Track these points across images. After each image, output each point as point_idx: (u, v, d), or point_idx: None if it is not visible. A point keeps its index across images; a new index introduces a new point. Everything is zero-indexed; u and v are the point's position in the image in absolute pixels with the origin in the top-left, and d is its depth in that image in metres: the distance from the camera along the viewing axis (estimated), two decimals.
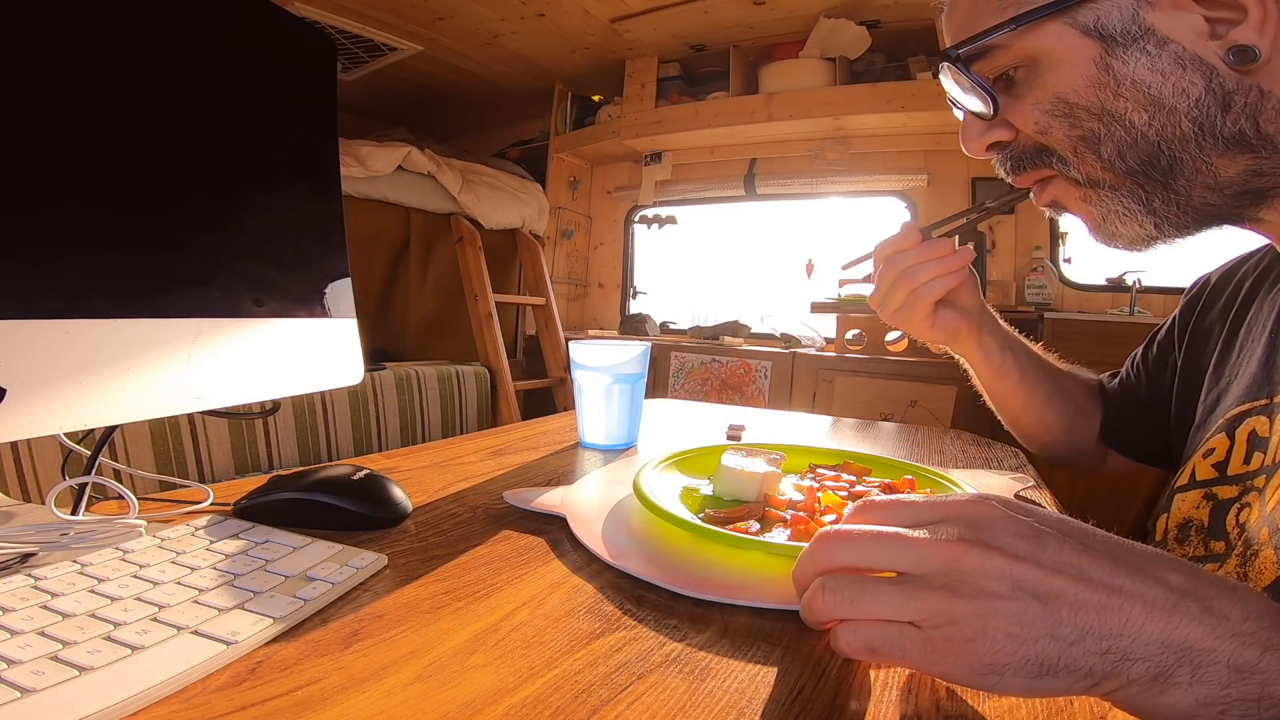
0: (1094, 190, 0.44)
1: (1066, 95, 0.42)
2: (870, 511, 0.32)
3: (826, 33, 2.35)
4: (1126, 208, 0.43)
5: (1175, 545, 0.49)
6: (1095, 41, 0.40)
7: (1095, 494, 1.72)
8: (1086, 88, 0.41)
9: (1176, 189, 0.41)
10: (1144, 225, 0.44)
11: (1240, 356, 0.51)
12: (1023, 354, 0.70)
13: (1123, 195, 0.43)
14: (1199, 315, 0.59)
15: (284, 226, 0.50)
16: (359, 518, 0.46)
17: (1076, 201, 0.46)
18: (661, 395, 2.37)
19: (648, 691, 0.28)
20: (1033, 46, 0.42)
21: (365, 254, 2.21)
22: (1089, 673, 0.25)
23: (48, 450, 1.07)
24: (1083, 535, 0.29)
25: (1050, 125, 0.43)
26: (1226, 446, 0.47)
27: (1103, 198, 0.44)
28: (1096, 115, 0.41)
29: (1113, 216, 0.44)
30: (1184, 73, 0.39)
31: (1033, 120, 0.44)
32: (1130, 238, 0.45)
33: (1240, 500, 0.45)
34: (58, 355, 0.34)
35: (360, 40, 2.49)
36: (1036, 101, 0.43)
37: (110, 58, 0.37)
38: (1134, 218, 0.43)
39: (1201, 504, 0.48)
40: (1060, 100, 0.42)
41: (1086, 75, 0.41)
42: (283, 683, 0.27)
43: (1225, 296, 0.57)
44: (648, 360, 0.76)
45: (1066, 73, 0.41)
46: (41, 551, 0.37)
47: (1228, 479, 0.46)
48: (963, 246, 0.63)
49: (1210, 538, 0.46)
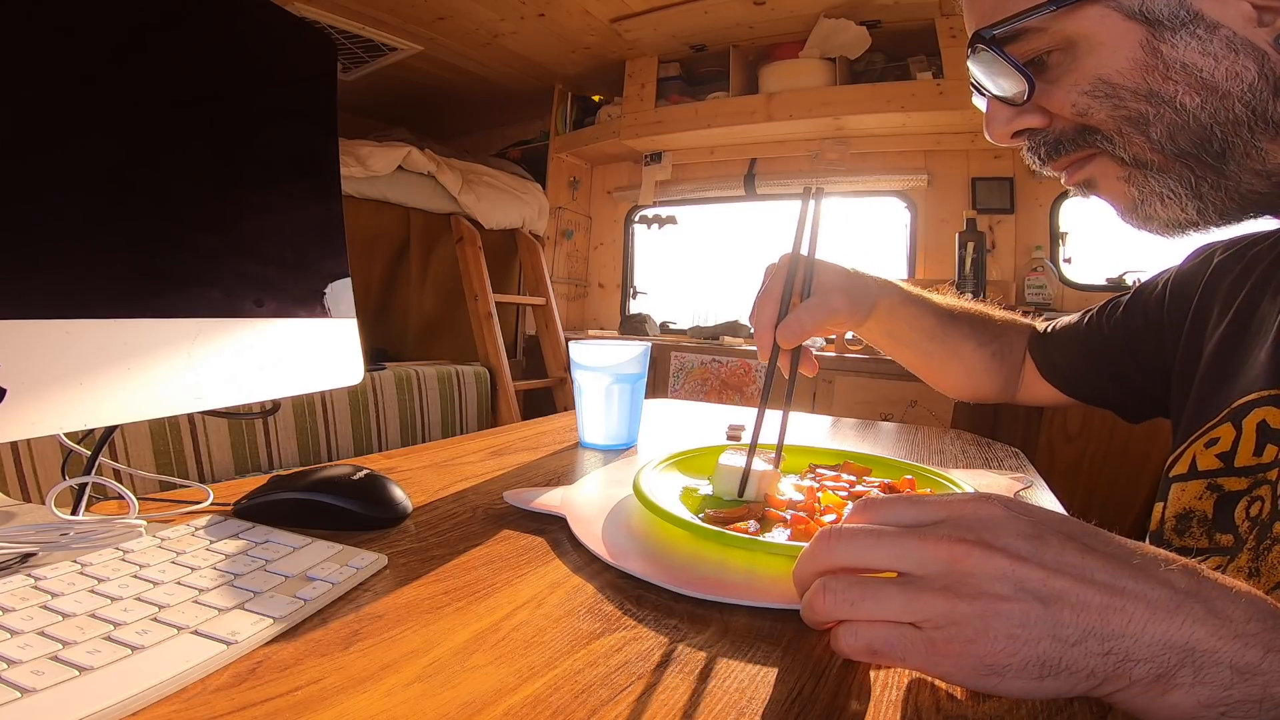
0: (1139, 171, 0.44)
1: (1109, 77, 0.41)
2: (871, 511, 0.32)
3: (826, 33, 2.35)
4: (1171, 190, 0.43)
5: (1174, 536, 0.48)
6: (1140, 25, 0.40)
7: (1095, 494, 1.73)
8: (1132, 70, 0.40)
9: (1227, 174, 0.41)
10: (1186, 210, 0.43)
11: (1248, 343, 0.50)
12: (911, 323, 0.68)
13: (1169, 178, 0.43)
14: (1204, 289, 0.57)
15: (284, 226, 0.50)
16: (359, 518, 0.46)
17: (1115, 181, 0.45)
18: (661, 395, 2.37)
19: (648, 691, 0.28)
20: (1071, 29, 0.41)
21: (365, 254, 2.21)
22: (1091, 674, 0.25)
23: (48, 450, 1.07)
24: (1085, 535, 0.28)
25: (1090, 106, 0.43)
26: (1233, 437, 0.46)
27: (1148, 179, 0.43)
28: (1144, 97, 0.41)
29: (1153, 198, 0.44)
30: (1237, 57, 0.38)
31: (1070, 103, 0.43)
32: (1167, 221, 0.44)
33: (1250, 493, 0.44)
34: (58, 355, 0.34)
35: (360, 40, 2.49)
36: (1074, 84, 0.43)
37: (110, 57, 0.37)
38: (1177, 201, 0.43)
39: (1205, 495, 0.47)
40: (1102, 81, 0.42)
41: (1132, 58, 0.40)
42: (283, 683, 0.27)
43: (1234, 276, 0.55)
44: (648, 360, 0.76)
45: (1109, 55, 0.41)
46: (41, 551, 0.37)
47: (1235, 470, 0.45)
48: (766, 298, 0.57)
49: (1216, 530, 0.45)
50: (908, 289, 0.69)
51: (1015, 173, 2.36)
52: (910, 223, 2.56)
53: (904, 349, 0.71)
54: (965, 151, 2.44)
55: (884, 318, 0.66)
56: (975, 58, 0.45)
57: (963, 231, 2.29)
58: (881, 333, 0.69)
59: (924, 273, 2.49)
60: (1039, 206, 2.33)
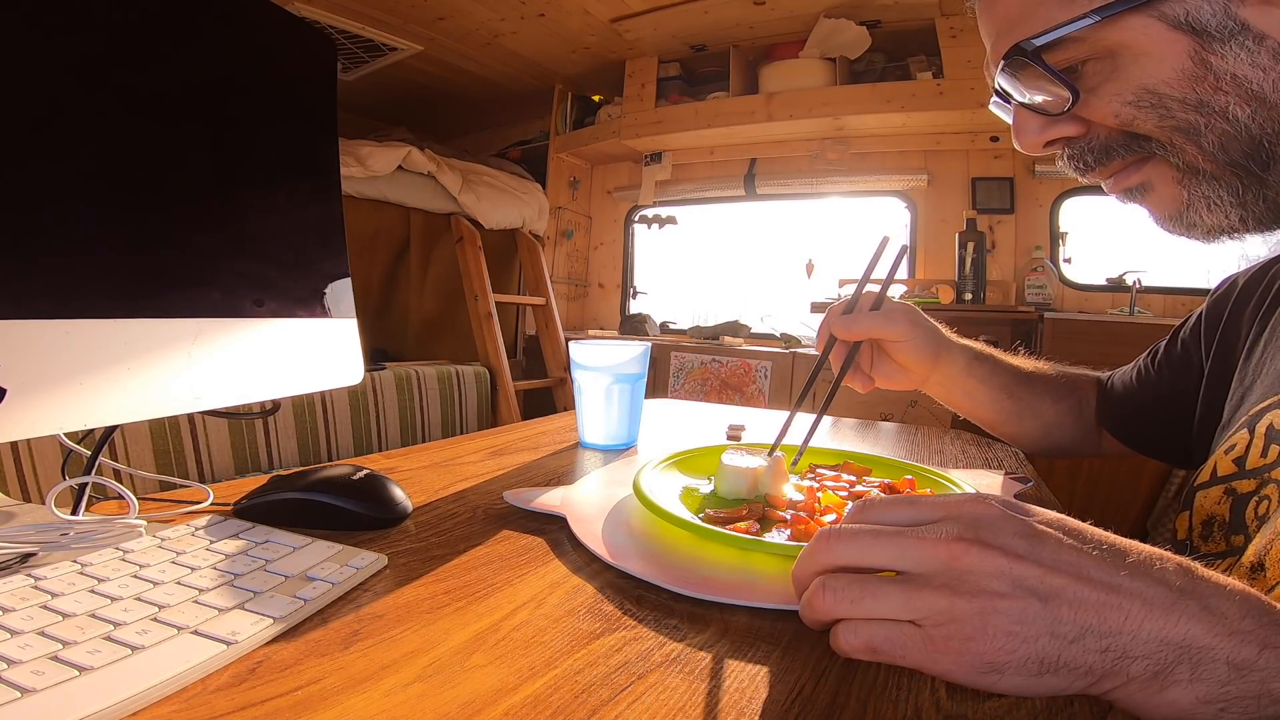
0: (1192, 177, 0.43)
1: (1155, 87, 0.41)
2: (870, 510, 0.32)
3: (826, 33, 2.36)
4: (1219, 197, 0.43)
5: (1200, 543, 0.48)
6: (1186, 35, 0.39)
7: (1095, 494, 1.73)
8: (1179, 80, 0.40)
9: (1269, 184, 0.41)
10: (1229, 216, 0.43)
11: (1265, 354, 0.51)
12: (985, 380, 0.71)
13: (1219, 186, 0.42)
14: (1229, 316, 0.58)
15: (284, 226, 0.50)
16: (359, 518, 0.46)
17: (1170, 184, 0.45)
18: (661, 395, 2.37)
19: (648, 691, 0.28)
20: (1111, 39, 0.41)
21: (365, 254, 2.21)
22: (1089, 670, 0.26)
23: (48, 450, 1.07)
24: (1081, 534, 0.29)
25: (1136, 116, 0.42)
26: (1246, 441, 0.47)
27: (1199, 184, 0.43)
28: (1193, 107, 0.40)
29: (1199, 204, 0.44)
30: None
31: (1113, 112, 0.43)
32: (1210, 227, 0.44)
33: (1259, 493, 0.44)
34: (58, 355, 0.34)
35: (360, 40, 2.49)
36: (1116, 93, 0.42)
37: (110, 57, 0.37)
38: (1222, 208, 0.43)
39: (1222, 499, 0.47)
40: (1148, 91, 0.41)
41: (1180, 68, 0.40)
42: (283, 683, 0.27)
43: (1255, 297, 0.56)
44: (648, 360, 0.76)
45: (1154, 65, 0.41)
46: (41, 551, 0.37)
47: (1246, 473, 0.46)
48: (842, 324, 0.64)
49: (1231, 532, 0.46)
50: (978, 347, 0.71)
51: (1015, 173, 2.36)
52: (910, 223, 2.56)
53: (976, 404, 0.72)
54: (965, 151, 2.44)
55: (957, 374, 0.69)
56: (1008, 68, 0.44)
57: (963, 231, 2.29)
58: (955, 388, 0.70)
59: (924, 273, 2.49)
60: (1039, 206, 2.33)
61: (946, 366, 0.68)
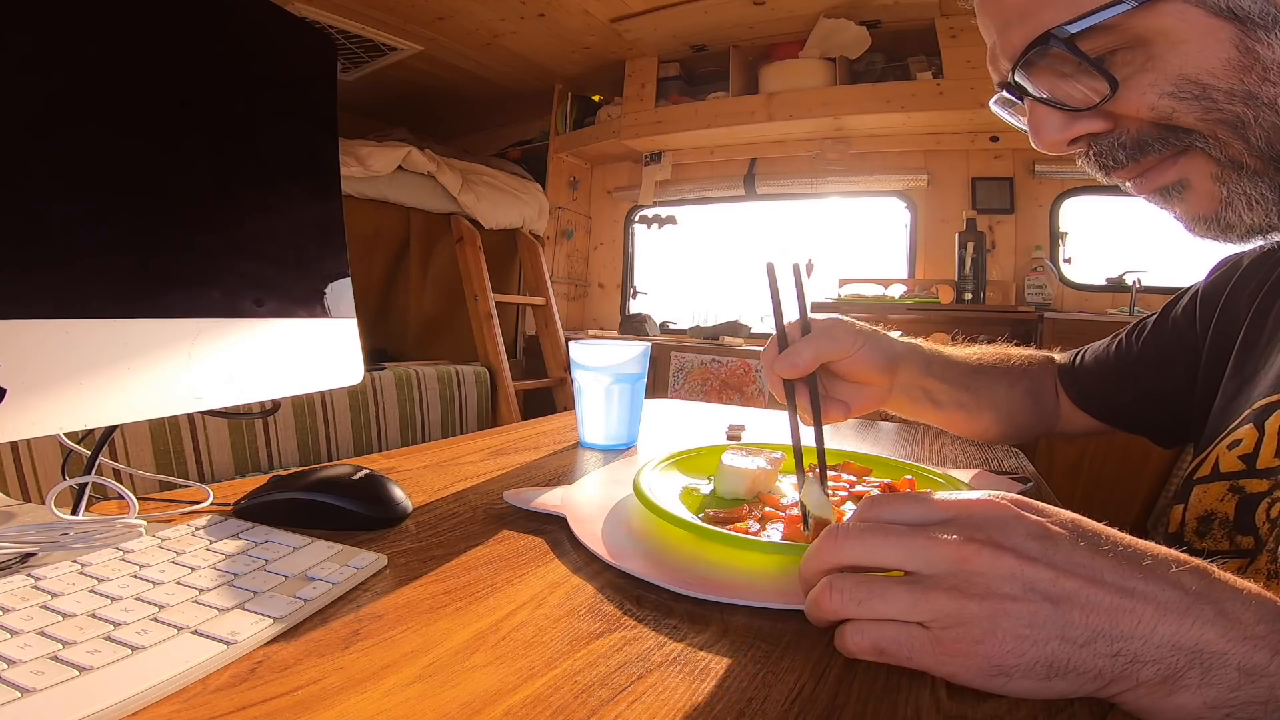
0: (1234, 172, 0.41)
1: (1198, 77, 0.38)
2: (878, 507, 0.32)
3: (826, 33, 2.36)
4: (1261, 194, 0.40)
5: (1195, 539, 0.48)
6: (1229, 23, 0.37)
7: (1095, 494, 1.73)
8: (1225, 70, 0.38)
9: None
10: (1270, 215, 0.41)
11: (1270, 345, 0.49)
12: (943, 377, 0.66)
13: (1262, 182, 0.40)
14: (1230, 295, 0.57)
15: (284, 226, 0.50)
16: (359, 518, 0.46)
17: (1208, 180, 0.42)
18: (661, 395, 2.37)
19: (648, 691, 0.28)
20: (1144, 26, 0.38)
21: (365, 254, 2.21)
22: (1098, 674, 0.25)
23: (48, 450, 1.06)
24: (1094, 536, 0.28)
25: (1176, 109, 0.39)
26: (1255, 438, 0.46)
27: (1240, 180, 0.41)
28: (1240, 99, 0.38)
29: (1239, 201, 0.41)
30: None
31: (1149, 104, 0.40)
32: (1249, 227, 0.42)
33: (1271, 495, 0.43)
34: (58, 355, 0.34)
35: (360, 40, 2.49)
36: (1152, 84, 0.39)
37: (110, 57, 0.37)
38: (1264, 205, 0.41)
39: (1227, 497, 0.46)
40: (1189, 81, 0.38)
41: (1224, 58, 0.38)
42: (283, 683, 0.27)
43: (1256, 281, 0.54)
44: (648, 360, 0.76)
45: (1195, 54, 0.38)
46: (41, 551, 0.37)
47: (1257, 472, 0.45)
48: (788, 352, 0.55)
49: (1237, 532, 0.45)
50: (923, 344, 0.66)
51: (1015, 173, 2.36)
52: (910, 223, 2.56)
53: (938, 405, 0.67)
54: (965, 151, 2.44)
55: (916, 375, 0.63)
56: (1032, 58, 0.41)
57: (963, 231, 2.29)
58: (917, 390, 0.65)
59: (924, 273, 2.49)
60: (1039, 206, 2.33)
61: (906, 369, 0.62)
